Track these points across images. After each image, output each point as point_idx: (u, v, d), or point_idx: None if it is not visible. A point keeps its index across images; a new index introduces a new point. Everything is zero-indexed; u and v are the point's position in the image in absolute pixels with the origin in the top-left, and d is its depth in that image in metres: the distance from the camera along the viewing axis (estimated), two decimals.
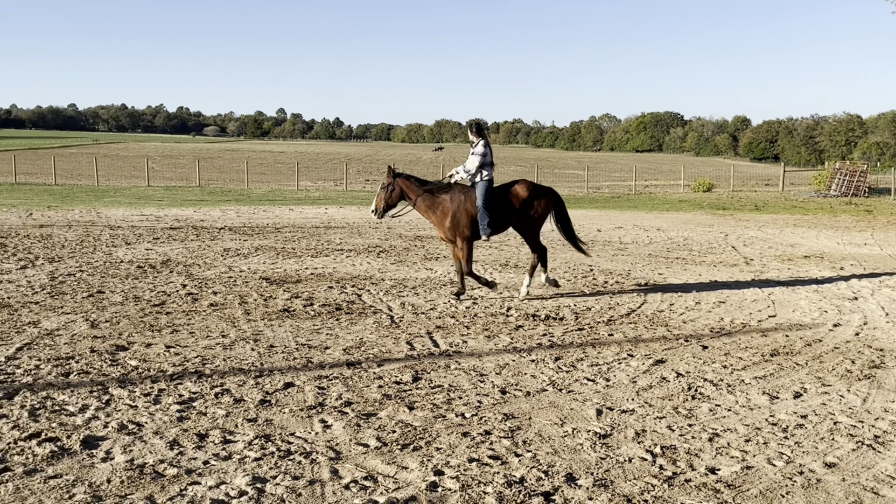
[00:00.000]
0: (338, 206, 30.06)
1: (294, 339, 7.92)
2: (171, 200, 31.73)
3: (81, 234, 16.93)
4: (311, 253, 14.77)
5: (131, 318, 8.73)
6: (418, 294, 10.66)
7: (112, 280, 11.13)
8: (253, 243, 16.10)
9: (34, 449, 4.87)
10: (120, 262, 12.96)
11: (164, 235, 17.24)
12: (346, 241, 17.04)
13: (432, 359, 7.33)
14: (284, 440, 5.14)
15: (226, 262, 13.20)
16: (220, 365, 6.92)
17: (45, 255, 13.55)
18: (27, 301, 9.46)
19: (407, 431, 5.36)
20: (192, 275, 11.81)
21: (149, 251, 14.44)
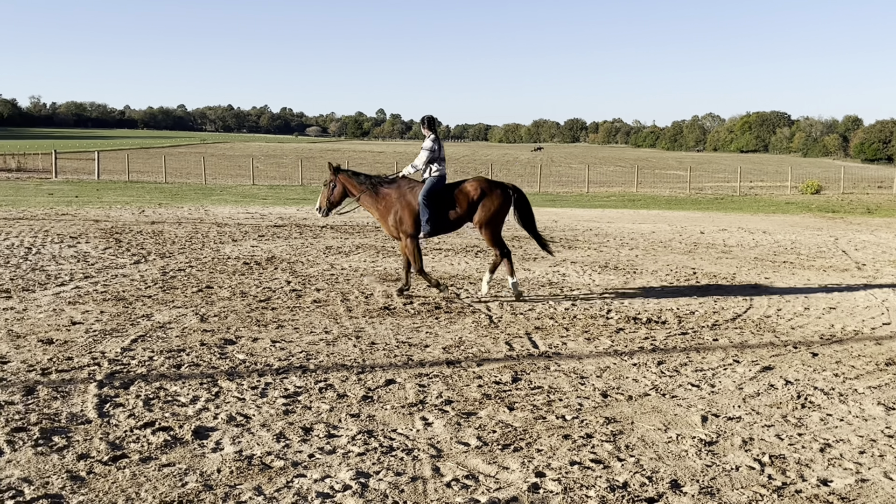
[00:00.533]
0: None
1: (394, 337, 8.01)
2: (274, 199, 32.51)
3: (190, 231, 17.52)
4: None
5: (238, 312, 8.98)
6: None
7: (220, 276, 11.48)
8: (354, 241, 16.36)
9: (149, 437, 5.06)
10: (227, 258, 13.35)
11: (268, 233, 17.67)
12: (443, 240, 17.12)
13: (531, 360, 7.30)
14: (387, 436, 5.20)
15: (328, 260, 13.44)
16: (324, 360, 7.05)
17: (157, 250, 14.07)
18: (140, 295, 9.84)
19: (507, 432, 5.36)
20: (295, 272, 12.07)
21: (254, 248, 14.83)
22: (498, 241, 10.49)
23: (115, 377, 6.33)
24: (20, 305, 9.00)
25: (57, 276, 11.04)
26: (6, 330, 7.81)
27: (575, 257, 14.71)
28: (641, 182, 51.32)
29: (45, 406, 5.60)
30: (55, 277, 10.90)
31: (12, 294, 9.65)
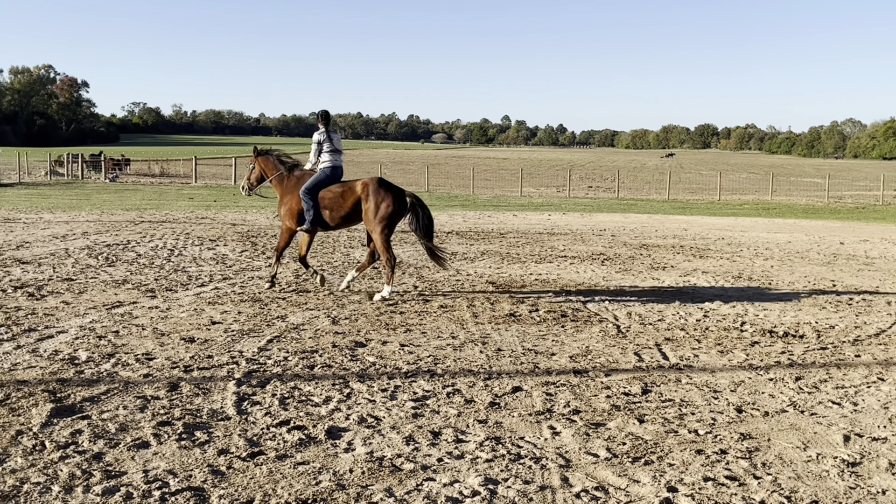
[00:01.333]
0: (561, 213, 30.05)
1: (520, 344, 7.99)
2: None
3: (322, 235, 18.00)
4: (535, 259, 14.85)
5: (368, 316, 9.16)
6: (645, 304, 10.43)
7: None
8: (479, 248, 16.44)
9: (284, 436, 5.22)
10: (357, 262, 13.64)
11: (395, 238, 17.96)
12: (569, 247, 16.99)
13: (662, 371, 7.14)
14: (514, 443, 5.19)
15: (453, 266, 13.54)
16: (451, 365, 7.10)
17: (290, 254, 14.52)
18: (276, 297, 10.17)
19: (637, 444, 5.26)
20: (422, 276, 12.22)
21: None
22: (385, 245, 10.32)
23: (253, 376, 6.57)
24: (164, 305, 9.46)
25: (197, 277, 11.55)
26: (151, 328, 8.22)
27: (706, 267, 14.32)
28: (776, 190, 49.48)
29: (188, 402, 5.86)
30: (196, 278, 11.40)
31: (157, 294, 10.15)
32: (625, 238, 19.58)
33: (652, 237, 20.02)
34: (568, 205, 36.63)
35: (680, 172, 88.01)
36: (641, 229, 22.55)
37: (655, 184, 62.71)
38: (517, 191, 48.95)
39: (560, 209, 32.72)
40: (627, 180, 67.24)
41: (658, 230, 22.35)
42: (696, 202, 42.07)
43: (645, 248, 17.16)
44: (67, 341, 7.53)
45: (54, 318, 8.51)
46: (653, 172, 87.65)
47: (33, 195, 31.92)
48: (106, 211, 23.98)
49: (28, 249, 13.96)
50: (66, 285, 10.50)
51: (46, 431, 5.15)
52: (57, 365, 6.71)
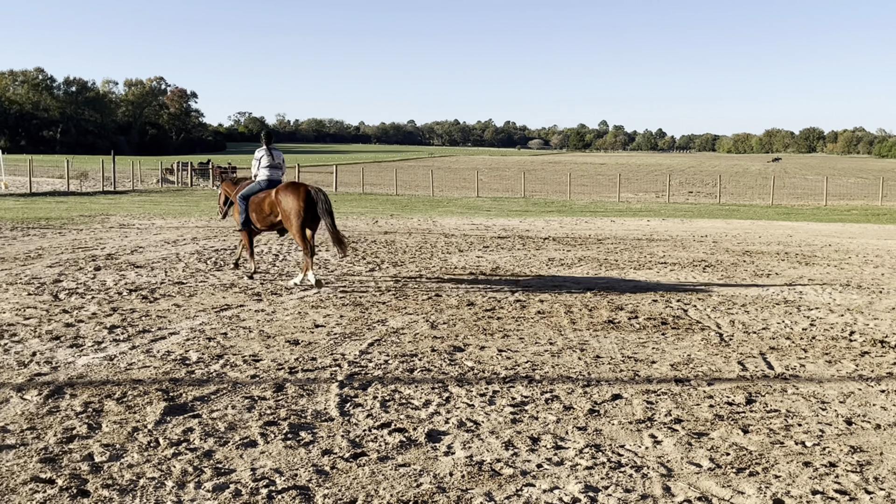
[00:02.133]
0: (660, 219, 29.54)
1: (620, 351, 7.89)
2: (498, 211, 33.05)
3: (420, 241, 18.19)
4: (634, 265, 14.64)
5: (466, 321, 9.20)
6: (748, 312, 10.16)
7: (448, 284, 11.82)
8: (576, 254, 16.30)
9: (385, 438, 5.29)
10: (454, 267, 13.73)
11: (492, 244, 17.99)
12: (669, 254, 16.69)
13: (766, 381, 6.94)
14: (615, 451, 5.13)
15: (551, 272, 13.47)
16: (549, 371, 7.07)
17: (389, 259, 14.72)
18: (376, 301, 10.33)
19: (742, 455, 5.12)
20: (518, 283, 12.19)
21: (479, 258, 15.15)
22: (301, 236, 11.23)
23: (354, 378, 6.68)
24: (269, 308, 9.71)
25: (301, 281, 11.81)
26: (258, 330, 8.45)
27: (813, 274, 13.85)
28: (886, 195, 47.43)
29: (293, 402, 6.00)
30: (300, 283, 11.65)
31: (263, 297, 10.43)
32: (727, 244, 19.11)
33: (755, 243, 19.48)
34: (667, 210, 35.98)
35: (784, 177, 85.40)
36: (744, 235, 21.97)
37: (758, 189, 61.01)
38: (615, 196, 48.36)
39: (659, 215, 32.16)
40: (729, 185, 65.55)
41: (762, 236, 21.73)
42: (801, 207, 40.74)
43: (748, 255, 16.71)
44: (179, 342, 7.82)
45: (166, 320, 8.85)
46: (755, 177, 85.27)
47: (146, 202, 33.24)
48: (214, 217, 24.78)
49: (142, 254, 14.55)
50: (177, 289, 10.90)
51: (160, 429, 5.35)
52: (169, 365, 6.97)
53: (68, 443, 5.06)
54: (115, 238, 17.23)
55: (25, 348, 7.43)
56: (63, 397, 5.98)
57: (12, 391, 6.10)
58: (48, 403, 5.83)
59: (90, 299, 9.96)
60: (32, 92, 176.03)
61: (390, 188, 51.39)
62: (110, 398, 5.98)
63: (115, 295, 10.30)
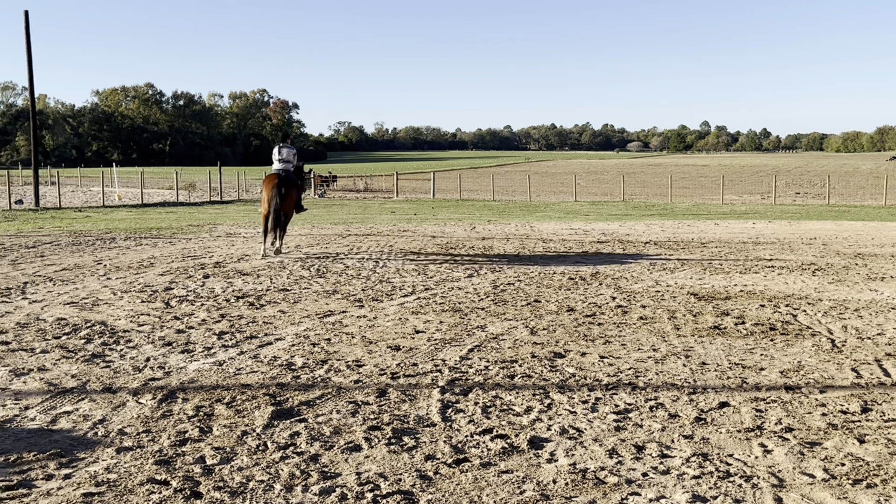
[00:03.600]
0: (766, 221, 28.69)
1: (726, 358, 7.69)
2: (596, 215, 32.70)
3: (518, 246, 18.13)
4: (740, 269, 14.25)
5: (566, 327, 9.13)
6: (862, 317, 9.75)
7: (546, 290, 11.75)
8: (678, 257, 15.97)
9: (487, 444, 5.29)
10: (553, 273, 13.64)
11: (591, 248, 17.80)
12: (776, 257, 16.18)
13: (883, 389, 6.64)
14: (722, 461, 5.00)
15: (652, 276, 13.24)
16: (653, 378, 6.94)
17: (487, 265, 14.72)
18: (475, 307, 10.35)
19: (858, 466, 4.91)
20: (620, 287, 12.03)
21: (578, 263, 15.01)
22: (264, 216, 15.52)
23: (455, 384, 6.71)
24: (371, 314, 9.85)
25: (401, 287, 11.95)
26: (360, 336, 8.58)
27: None
28: None
29: (396, 408, 6.06)
30: (399, 289, 11.80)
31: (364, 303, 10.59)
32: (837, 247, 18.40)
33: (868, 246, 18.70)
34: (773, 212, 34.90)
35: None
36: (856, 237, 21.12)
37: (870, 189, 58.56)
38: (718, 199, 47.22)
39: (765, 217, 31.22)
40: (839, 186, 63.11)
41: (874, 238, 20.85)
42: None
43: (860, 258, 16.05)
44: (284, 348, 8.01)
45: (272, 326, 9.07)
46: (866, 177, 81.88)
47: (251, 211, 34.19)
48: (316, 225, 25.31)
49: (248, 262, 14.97)
50: (282, 295, 11.17)
51: (268, 433, 5.49)
52: (276, 370, 7.15)
53: (181, 445, 5.24)
54: (222, 247, 17.79)
55: (140, 354, 7.73)
56: (176, 401, 6.21)
57: (128, 395, 6.37)
58: (162, 407, 6.05)
59: (200, 306, 10.30)
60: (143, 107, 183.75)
61: (487, 194, 51.47)
62: (220, 402, 6.17)
63: (223, 302, 10.63)
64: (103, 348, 7.96)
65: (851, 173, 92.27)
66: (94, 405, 6.10)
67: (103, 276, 12.86)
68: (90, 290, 11.52)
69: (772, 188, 48.27)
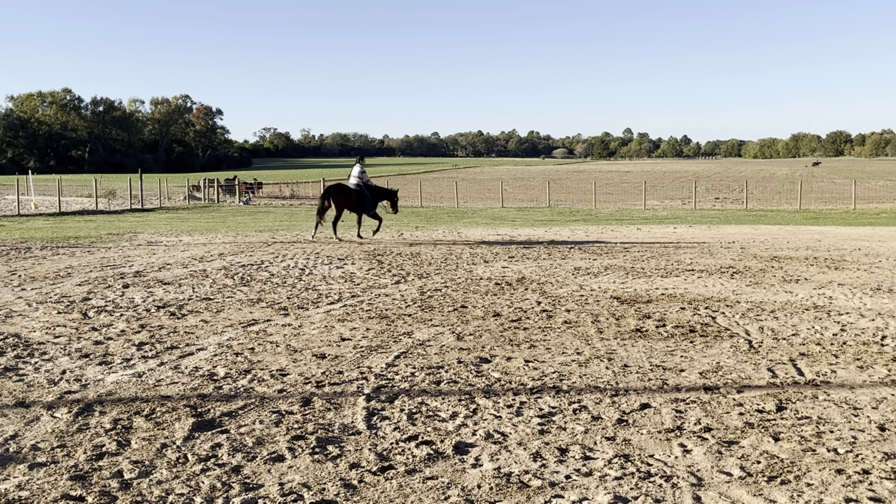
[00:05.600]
0: (687, 226, 29.35)
1: (648, 360, 7.83)
2: (523, 220, 33.01)
3: (445, 253, 18.18)
4: (661, 273, 14.54)
5: (492, 332, 9.18)
6: (778, 318, 10.05)
7: (473, 296, 11.80)
8: (602, 262, 16.22)
9: (413, 450, 5.28)
10: (480, 279, 13.71)
11: (518, 254, 17.95)
12: (696, 260, 16.56)
13: (797, 388, 6.85)
14: (643, 461, 5.09)
15: (577, 281, 13.42)
16: (577, 381, 7.03)
17: (415, 271, 14.72)
18: (402, 313, 10.33)
19: (773, 463, 5.06)
20: (545, 292, 12.16)
21: (505, 269, 15.12)
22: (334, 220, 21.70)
23: (381, 391, 6.68)
24: (296, 322, 9.75)
25: (327, 295, 11.86)
26: (285, 345, 8.49)
27: (842, 279, 13.68)
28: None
29: (320, 416, 6.01)
30: (326, 296, 11.71)
31: (289, 312, 10.47)
32: (755, 250, 18.93)
33: (783, 249, 19.29)
34: (694, 217, 35.74)
35: (812, 181, 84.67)
36: (772, 241, 21.76)
37: (786, 194, 60.51)
38: (640, 204, 48.15)
39: (686, 221, 31.95)
40: (756, 191, 65.07)
41: (790, 242, 21.52)
42: (829, 212, 40.31)
43: (776, 261, 16.54)
44: (207, 358, 7.86)
45: (194, 336, 8.90)
46: (783, 182, 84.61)
47: (173, 219, 33.54)
48: (240, 233, 24.96)
49: (169, 270, 14.67)
50: (204, 304, 10.97)
51: (189, 444, 5.38)
52: (197, 381, 7.01)
53: (98, 460, 5.10)
54: (142, 255, 17.40)
55: (55, 366, 7.50)
56: (92, 415, 6.03)
57: (43, 409, 6.17)
58: (78, 421, 5.88)
59: (119, 317, 10.05)
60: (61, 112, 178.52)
61: (415, 200, 51.49)
62: (139, 415, 6.02)
63: (143, 312, 10.39)
64: (16, 361, 7.70)
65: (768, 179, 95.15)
66: (6, 420, 5.89)
67: (17, 287, 12.45)
68: (3, 301, 11.14)
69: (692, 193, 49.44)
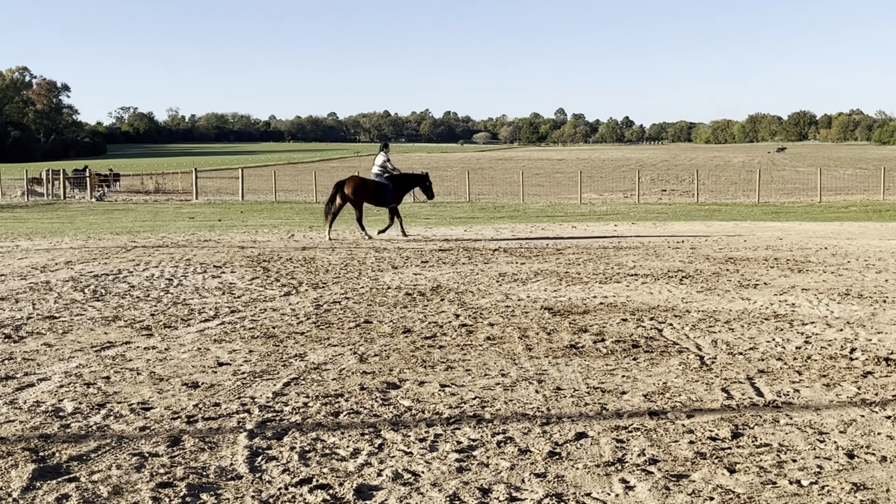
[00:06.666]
0: (629, 223, 29.97)
1: (584, 381, 7.97)
2: (438, 218, 33.18)
3: (345, 257, 18.15)
4: (600, 279, 14.82)
5: (402, 351, 9.21)
6: (733, 330, 10.35)
7: (380, 308, 11.82)
8: (531, 267, 16.43)
9: (306, 496, 5.26)
10: (387, 288, 13.73)
11: (432, 258, 18.05)
12: (640, 264, 16.92)
13: (755, 410, 7.07)
14: (579, 501, 5.17)
15: (502, 290, 13.56)
16: (501, 409, 7.10)
17: (309, 280, 14.65)
18: (293, 331, 10.27)
19: (728, 499, 5.21)
20: (465, 303, 12.25)
21: (417, 276, 15.18)
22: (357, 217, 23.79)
23: (267, 426, 6.63)
24: (162, 344, 9.59)
25: (201, 310, 11.70)
26: (148, 372, 8.34)
27: (807, 283, 14.17)
28: (889, 187, 48.85)
29: (192, 459, 5.93)
30: (199, 312, 11.55)
31: (153, 331, 10.30)
32: (707, 251, 19.45)
33: (740, 249, 19.87)
34: (638, 212, 36.51)
35: (772, 170, 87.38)
36: (727, 240, 22.40)
37: (743, 185, 62.32)
38: (576, 197, 48.92)
39: (628, 218, 32.62)
40: (709, 181, 66.87)
41: (747, 240, 22.19)
42: (792, 205, 41.70)
43: (732, 263, 17.03)
44: (51, 390, 7.67)
45: (35, 364, 8.67)
46: (739, 171, 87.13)
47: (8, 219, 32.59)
48: (93, 236, 24.41)
49: (3, 283, 14.25)
50: (47, 324, 10.70)
51: (28, 497, 5.24)
52: (39, 418, 6.83)
53: None
54: None
55: None
56: None
57: None
58: None
59: None
60: None
61: (309, 195, 51.21)
62: None
63: None
64: None
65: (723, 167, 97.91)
66: None
67: None
68: None
69: (635, 185, 50.44)
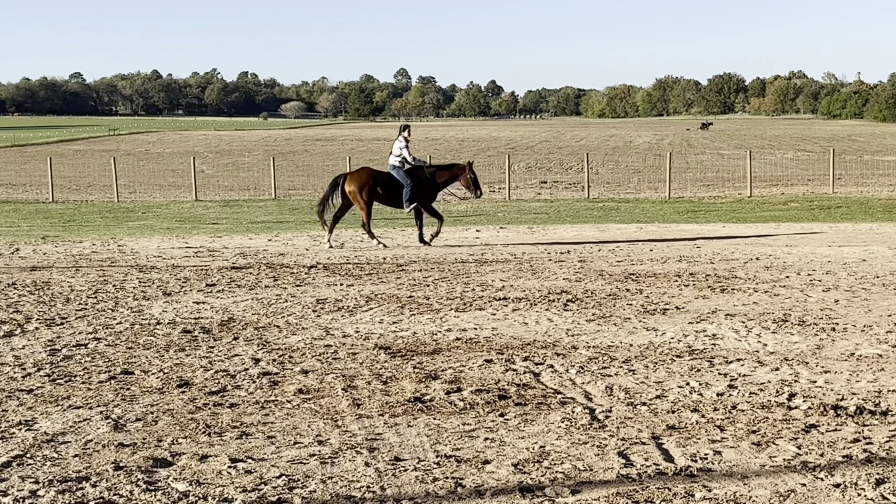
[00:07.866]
0: (496, 227, 30.26)
1: (433, 448, 8.01)
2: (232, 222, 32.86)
3: (96, 280, 17.78)
4: (456, 305, 14.93)
5: (176, 413, 9.08)
6: (635, 371, 10.58)
7: (145, 353, 11.63)
8: (362, 290, 16.44)
9: None
10: (156, 323, 13.52)
11: (222, 279, 17.85)
12: (511, 283, 17.13)
13: (662, 481, 7.23)
14: None
15: (320, 323, 13.52)
16: (318, 490, 7.08)
17: (41, 314, 14.28)
18: (15, 389, 10.02)
19: None
20: (268, 342, 12.17)
21: (200, 305, 15.00)
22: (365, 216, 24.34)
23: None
24: None
25: None
26: None
27: (732, 306, 14.59)
28: (841, 176, 50.77)
29: None
30: None
31: None
32: (601, 264, 19.80)
33: (644, 261, 20.29)
34: (508, 213, 36.92)
35: (688, 154, 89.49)
36: (628, 249, 22.83)
37: (648, 173, 63.71)
38: None
39: (495, 220, 32.90)
40: (604, 170, 68.20)
41: (654, 249, 22.66)
42: (713, 201, 42.79)
43: (633, 280, 17.37)
44: None
45: None
46: (644, 156, 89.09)
47: None
48: None
49: None
50: None
51: None
52: None
53: None
54: None
55: None
56: None
57: None
58: None
59: None
60: None
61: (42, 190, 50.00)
62: None
63: None
64: None
65: (622, 150, 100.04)
66: None
67: None
68: None
69: (505, 175, 51.01)
